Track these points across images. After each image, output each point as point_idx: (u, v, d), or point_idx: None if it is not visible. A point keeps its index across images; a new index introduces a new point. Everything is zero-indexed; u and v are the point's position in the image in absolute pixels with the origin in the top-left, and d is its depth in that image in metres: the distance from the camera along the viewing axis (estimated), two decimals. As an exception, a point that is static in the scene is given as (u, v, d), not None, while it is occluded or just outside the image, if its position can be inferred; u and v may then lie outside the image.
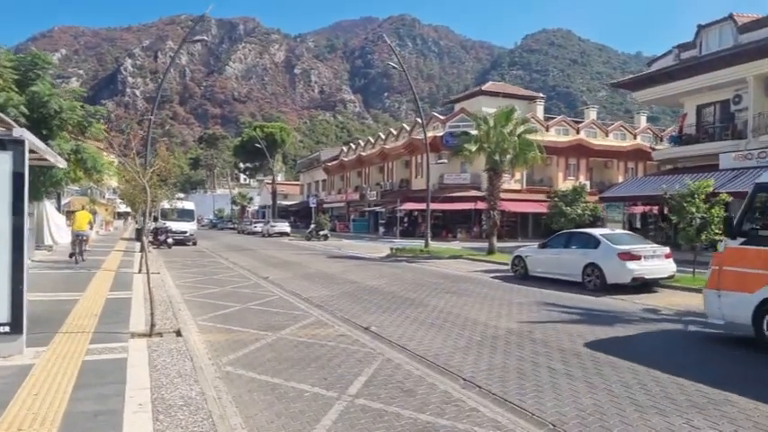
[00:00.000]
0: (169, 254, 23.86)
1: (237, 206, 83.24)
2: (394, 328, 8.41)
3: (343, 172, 65.32)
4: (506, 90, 52.27)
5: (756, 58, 20.98)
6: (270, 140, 66.69)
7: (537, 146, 21.73)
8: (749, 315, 7.08)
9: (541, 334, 7.84)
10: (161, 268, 16.93)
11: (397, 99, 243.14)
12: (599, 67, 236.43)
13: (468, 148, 21.53)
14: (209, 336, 7.82)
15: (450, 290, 12.93)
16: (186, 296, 11.62)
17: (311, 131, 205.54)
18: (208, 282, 14.35)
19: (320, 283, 14.10)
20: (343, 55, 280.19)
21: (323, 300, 11.29)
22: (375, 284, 13.80)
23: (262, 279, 15.13)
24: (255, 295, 11.92)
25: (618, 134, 48.22)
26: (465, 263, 20.73)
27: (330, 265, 19.64)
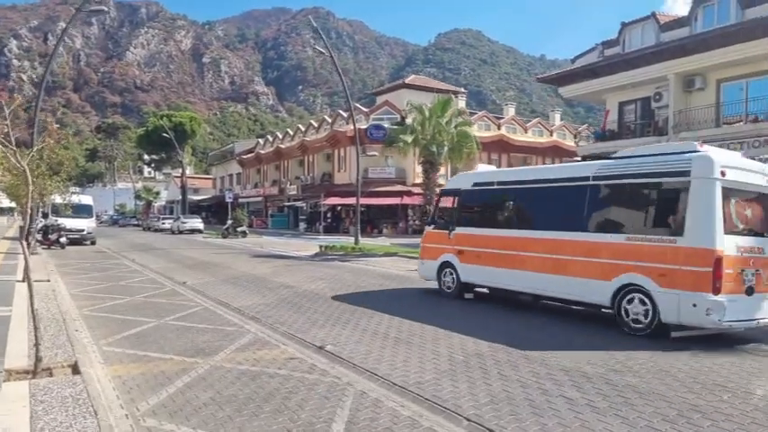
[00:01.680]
0: (63, 255, 20.75)
1: (142, 201, 77.19)
2: (353, 345, 7.00)
3: (259, 165, 62.31)
4: (429, 84, 51.99)
5: (677, 56, 21.62)
6: (179, 131, 62.21)
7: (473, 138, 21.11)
8: (434, 273, 11.71)
9: (527, 345, 6.76)
10: (52, 274, 14.30)
11: (311, 92, 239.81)
12: (507, 67, 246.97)
13: (403, 139, 20.43)
14: (119, 368, 5.98)
15: (400, 294, 11.71)
16: (85, 310, 9.47)
17: (222, 123, 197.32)
18: (112, 290, 12.10)
19: (250, 289, 12.33)
20: (255, 45, 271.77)
21: (257, 310, 9.62)
22: (314, 288, 12.26)
23: (179, 285, 13.07)
24: (174, 306, 9.99)
25: (536, 131, 49.57)
26: (401, 261, 19.63)
27: (256, 265, 17.75)
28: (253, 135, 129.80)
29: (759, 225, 8.04)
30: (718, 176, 7.36)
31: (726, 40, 19.98)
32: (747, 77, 20.59)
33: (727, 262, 7.21)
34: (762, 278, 7.62)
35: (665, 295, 7.43)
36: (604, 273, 8.22)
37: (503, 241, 10.17)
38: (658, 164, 8.14)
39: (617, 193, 8.76)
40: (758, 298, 7.56)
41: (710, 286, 7.06)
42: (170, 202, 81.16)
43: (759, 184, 8.02)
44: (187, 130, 64.41)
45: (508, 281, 10.02)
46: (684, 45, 21.27)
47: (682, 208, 7.64)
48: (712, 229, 7.22)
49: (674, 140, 22.08)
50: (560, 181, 9.76)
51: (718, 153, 7.95)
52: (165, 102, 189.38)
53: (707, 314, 7.07)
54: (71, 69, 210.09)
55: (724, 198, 7.42)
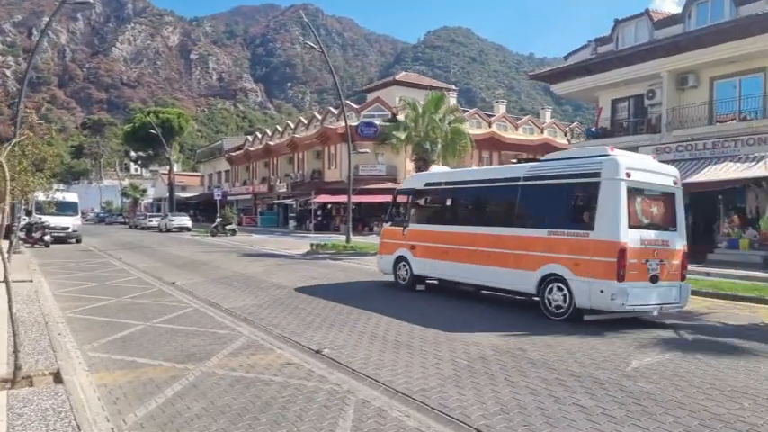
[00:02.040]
0: (47, 254, 20.23)
1: (129, 199, 76.20)
2: (351, 349, 6.71)
3: (248, 162, 61.69)
4: (420, 81, 51.84)
5: (671, 53, 21.52)
6: (166, 127, 61.22)
7: (467, 135, 20.87)
8: (391, 267, 12.62)
9: (535, 350, 6.50)
10: (35, 274, 13.84)
11: (300, 90, 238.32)
12: (496, 65, 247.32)
13: (397, 135, 20.12)
14: (104, 376, 5.64)
15: (395, 293, 11.44)
16: (69, 312, 9.08)
17: (210, 120, 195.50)
18: (98, 290, 11.69)
19: (241, 289, 11.98)
20: (244, 42, 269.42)
21: (250, 311, 9.29)
22: (305, 286, 11.94)
23: (167, 285, 12.68)
24: (162, 308, 9.63)
25: (527, 128, 49.51)
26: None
27: (247, 265, 17.37)
28: (241, 132, 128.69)
29: (664, 220, 9.01)
30: (624, 177, 8.26)
31: (720, 37, 19.91)
32: (741, 75, 20.55)
33: (632, 253, 8.12)
34: (666, 268, 8.54)
35: (579, 283, 8.36)
36: (531, 264, 9.15)
37: (448, 236, 11.17)
38: (575, 166, 9.11)
39: (542, 193, 9.65)
40: (662, 285, 8.47)
41: (615, 274, 7.97)
42: (157, 199, 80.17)
43: (664, 183, 9.05)
44: (175, 127, 63.50)
45: (453, 273, 11.03)
46: (678, 42, 21.18)
47: (593, 205, 8.50)
48: (617, 224, 8.12)
49: (667, 138, 22.10)
50: (496, 181, 10.85)
51: (624, 156, 8.85)
52: (152, 98, 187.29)
53: (612, 299, 7.98)
54: (56, 65, 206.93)
55: (629, 196, 8.33)
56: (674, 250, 8.77)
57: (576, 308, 8.42)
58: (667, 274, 8.58)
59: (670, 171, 9.46)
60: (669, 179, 9.19)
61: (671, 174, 9.34)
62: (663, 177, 9.12)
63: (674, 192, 9.21)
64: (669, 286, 8.63)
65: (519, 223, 9.82)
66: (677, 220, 9.13)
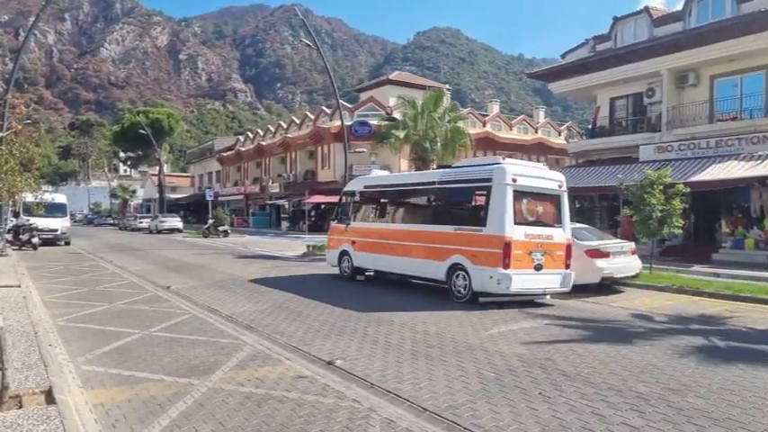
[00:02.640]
0: (35, 257, 19.57)
1: (118, 200, 75.11)
2: (366, 359, 6.28)
3: (239, 163, 60.98)
4: (413, 80, 51.46)
5: (670, 51, 21.31)
6: (156, 128, 60.32)
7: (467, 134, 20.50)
8: (336, 260, 13.96)
9: (565, 362, 6.10)
10: (23, 278, 13.27)
11: (290, 90, 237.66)
12: (485, 66, 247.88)
13: (395, 134, 19.68)
14: (101, 393, 5.16)
15: (404, 298, 11.02)
16: (60, 320, 8.56)
17: (199, 121, 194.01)
18: (89, 296, 11.15)
19: (240, 293, 11.50)
20: (233, 42, 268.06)
21: (252, 318, 8.82)
22: (309, 292, 11.48)
23: (162, 289, 12.17)
24: (159, 314, 9.13)
25: (521, 128, 49.27)
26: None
27: (243, 267, 16.87)
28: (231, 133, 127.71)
29: (549, 218, 10.57)
30: (510, 182, 9.77)
31: (721, 34, 19.71)
32: (742, 73, 20.37)
33: (516, 245, 9.63)
34: (551, 258, 10.05)
35: (476, 271, 9.88)
36: (442, 256, 10.65)
37: (380, 232, 12.83)
38: (474, 172, 10.76)
39: (450, 195, 11.37)
40: (547, 273, 10.01)
41: (501, 263, 9.50)
42: (147, 200, 79.16)
43: (549, 187, 10.58)
44: (165, 127, 62.60)
45: (384, 264, 12.58)
46: (678, 40, 20.97)
47: (486, 205, 10.00)
48: (503, 221, 9.63)
49: (667, 137, 21.88)
50: (417, 185, 12.86)
51: (512, 165, 10.45)
52: (141, 99, 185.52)
53: (498, 284, 9.53)
54: (43, 65, 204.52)
55: (515, 198, 9.84)
56: (557, 243, 10.31)
57: (474, 292, 9.95)
58: (551, 264, 10.12)
59: (556, 177, 11.00)
60: (555, 183, 10.74)
61: (556, 179, 10.86)
62: (548, 182, 10.66)
63: (560, 194, 10.73)
64: (553, 274, 10.15)
65: (433, 221, 11.42)
66: (562, 218, 10.62)
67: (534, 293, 10.12)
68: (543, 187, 10.54)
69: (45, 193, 15.74)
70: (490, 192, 9.94)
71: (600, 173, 23.58)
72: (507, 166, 10.13)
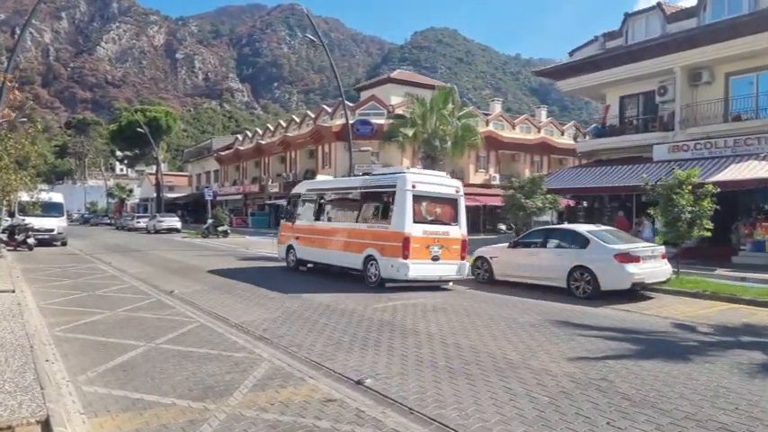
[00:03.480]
0: (30, 258, 18.89)
1: (115, 199, 74.25)
2: (399, 378, 5.68)
3: (238, 162, 60.31)
4: (415, 79, 50.92)
5: (684, 48, 20.78)
6: (153, 126, 59.53)
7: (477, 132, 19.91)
8: (284, 254, 16.12)
9: (625, 383, 5.47)
10: (18, 281, 12.64)
11: (287, 90, 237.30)
12: (483, 66, 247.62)
13: (404, 132, 19.06)
14: (106, 422, 4.55)
15: (422, 304, 10.41)
16: (58, 330, 7.94)
17: (196, 120, 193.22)
18: (88, 301, 10.53)
19: (248, 299, 10.89)
20: (230, 42, 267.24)
21: (264, 327, 8.22)
22: (323, 299, 10.87)
23: (165, 294, 11.55)
24: (164, 323, 8.52)
25: (524, 127, 48.73)
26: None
27: (242, 268, 16.23)
28: (227, 132, 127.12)
29: (446, 217, 12.71)
30: (410, 188, 11.92)
31: (736, 31, 19.15)
32: (758, 71, 19.80)
33: (415, 240, 11.74)
34: (447, 251, 12.25)
35: (383, 261, 12.06)
36: (359, 249, 12.79)
37: (317, 229, 14.94)
38: (385, 179, 13.02)
39: (367, 198, 13.53)
40: (443, 263, 12.22)
41: (401, 254, 11.63)
42: (143, 200, 78.34)
43: (446, 192, 12.82)
44: (162, 126, 61.85)
45: (319, 256, 14.79)
46: (692, 37, 20.42)
47: (391, 206, 12.15)
48: (403, 220, 11.75)
49: (680, 136, 21.34)
50: (345, 189, 15.08)
51: (413, 173, 12.92)
52: (138, 98, 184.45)
53: (398, 271, 11.68)
54: (40, 64, 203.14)
55: (415, 201, 11.96)
56: (453, 239, 12.50)
57: (382, 278, 12.13)
58: (448, 256, 12.32)
59: (453, 183, 13.40)
60: (452, 189, 13.04)
61: (454, 185, 13.24)
62: (446, 188, 12.96)
63: (457, 198, 13.00)
64: (449, 264, 12.39)
65: (354, 219, 13.69)
66: (458, 218, 12.83)
67: (431, 280, 12.35)
68: (441, 192, 12.80)
69: (41, 192, 15.08)
70: (394, 196, 12.20)
71: (609, 173, 23.04)
72: (408, 174, 12.56)
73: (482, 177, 45.25)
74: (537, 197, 16.91)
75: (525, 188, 17.25)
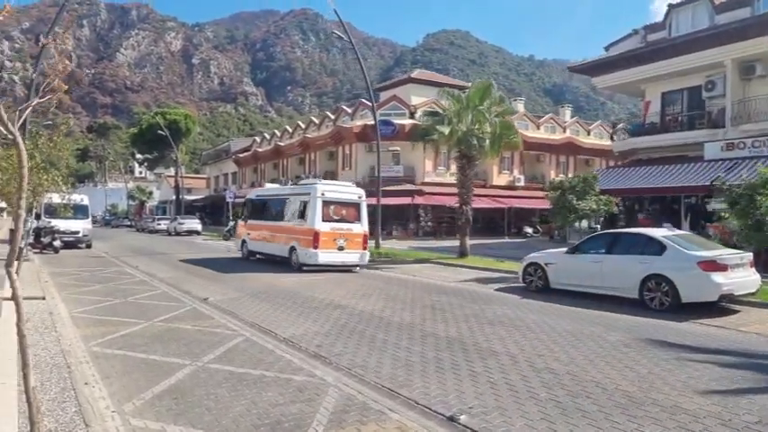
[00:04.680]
0: (57, 261, 18.38)
1: (135, 201, 74.32)
2: (498, 414, 4.80)
3: (256, 164, 59.84)
4: (435, 78, 49.97)
5: (736, 40, 19.66)
6: (173, 129, 59.37)
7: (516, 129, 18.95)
8: (240, 247, 20.76)
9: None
10: (47, 286, 12.05)
11: (300, 93, 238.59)
12: (495, 67, 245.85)
13: (440, 130, 18.14)
14: (165, 468, 3.75)
15: (480, 316, 9.53)
16: (94, 345, 7.20)
17: (212, 124, 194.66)
18: (121, 309, 9.82)
19: (290, 308, 10.10)
20: (244, 47, 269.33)
21: (317, 343, 7.42)
22: (371, 309, 10.05)
23: (200, 302, 10.82)
24: (205, 336, 7.76)
25: (548, 127, 47.56)
26: (439, 269, 17.52)
27: (277, 274, 15.49)
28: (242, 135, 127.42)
29: (351, 217, 16.62)
30: (320, 195, 15.96)
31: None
32: (818, 62, 18.66)
33: (324, 234, 15.65)
34: (351, 243, 16.16)
35: (301, 250, 15.94)
36: (287, 241, 16.91)
37: (260, 227, 19.37)
38: (304, 188, 17.34)
39: (292, 202, 17.52)
40: (347, 252, 16.09)
41: (312, 245, 15.50)
42: (162, 202, 78.38)
43: (351, 198, 16.84)
44: (182, 128, 61.71)
45: (261, 248, 19.08)
46: (745, 27, 19.29)
47: (307, 209, 16.17)
48: (314, 219, 15.76)
49: (732, 133, 20.19)
50: (279, 195, 19.39)
51: (323, 184, 17.17)
52: (155, 102, 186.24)
53: (309, 258, 15.52)
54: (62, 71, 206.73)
55: (324, 205, 15.93)
56: (356, 234, 16.53)
57: (300, 263, 16.02)
58: (351, 247, 16.29)
59: (357, 191, 17.51)
60: (355, 196, 17.18)
61: (357, 193, 17.38)
62: (351, 195, 17.10)
63: (359, 202, 17.09)
64: (353, 253, 16.36)
65: (283, 218, 17.79)
66: (360, 218, 16.94)
67: (337, 265, 16.11)
68: (346, 198, 17.00)
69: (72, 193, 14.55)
70: (308, 201, 16.46)
71: (651, 173, 21.94)
72: (319, 185, 16.92)
73: (506, 179, 44.18)
74: (589, 198, 15.90)
75: (577, 188, 16.25)
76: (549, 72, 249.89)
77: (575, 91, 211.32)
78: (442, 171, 41.89)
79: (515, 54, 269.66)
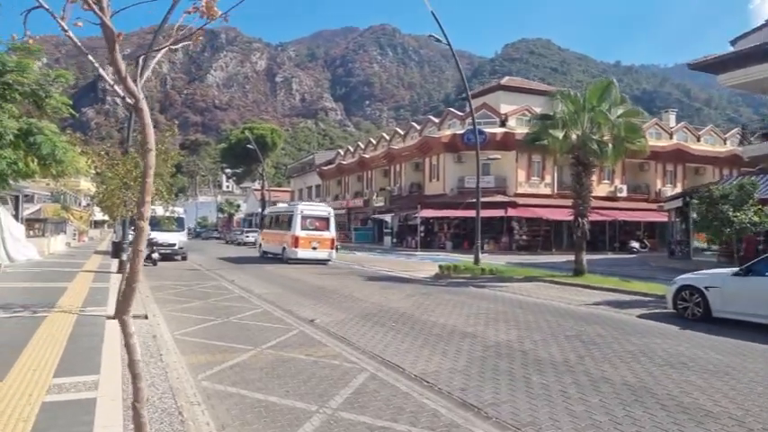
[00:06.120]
0: (156, 274, 18.35)
1: (224, 214, 77.07)
2: None
3: (340, 176, 60.04)
4: (526, 85, 47.85)
5: None
6: (260, 143, 61.08)
7: (642, 133, 16.78)
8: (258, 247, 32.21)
9: None
10: (149, 302, 11.57)
11: (378, 107, 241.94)
12: (579, 75, 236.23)
13: (553, 134, 16.36)
14: None
15: (648, 353, 7.79)
16: (203, 378, 6.26)
17: (293, 139, 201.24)
18: (225, 331, 8.99)
19: (409, 335, 8.83)
20: (325, 64, 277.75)
21: (459, 385, 6.08)
22: (506, 339, 8.57)
23: (306, 324, 9.82)
24: (324, 371, 6.63)
25: (652, 132, 43.86)
26: (556, 289, 15.67)
27: (381, 292, 14.34)
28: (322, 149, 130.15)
29: (322, 227, 25.36)
30: (300, 213, 25.02)
31: None
32: None
33: (302, 239, 24.47)
34: (322, 244, 24.83)
35: (288, 249, 24.80)
36: (280, 243, 25.75)
37: (268, 234, 28.61)
38: (290, 208, 26.65)
39: (284, 217, 26.66)
40: (319, 251, 24.70)
41: (294, 245, 24.49)
42: (249, 215, 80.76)
43: (321, 214, 25.99)
44: (268, 142, 63.50)
45: (270, 248, 27.53)
46: None
47: (292, 221, 24.87)
48: (296, 228, 24.67)
49: None
50: (279, 212, 28.90)
51: (303, 204, 26.97)
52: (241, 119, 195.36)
53: (291, 254, 24.54)
54: (158, 92, 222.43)
55: (303, 219, 24.85)
56: (325, 238, 24.92)
57: (287, 258, 24.47)
58: (322, 247, 24.68)
59: (327, 209, 27.13)
60: (326, 212, 26.18)
61: (327, 210, 26.70)
62: (322, 212, 26.19)
63: (328, 217, 25.75)
64: (323, 251, 24.72)
65: (282, 228, 26.06)
66: (330, 227, 25.44)
67: (311, 259, 24.33)
68: (318, 214, 25.73)
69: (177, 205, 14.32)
70: (293, 216, 24.76)
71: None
72: (300, 205, 25.96)
73: (606, 189, 41.05)
74: (747, 209, 13.52)
75: (730, 197, 13.90)
76: (638, 78, 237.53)
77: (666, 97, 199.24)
78: (535, 181, 39.61)
79: (600, 61, 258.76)
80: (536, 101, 42.91)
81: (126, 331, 2.41)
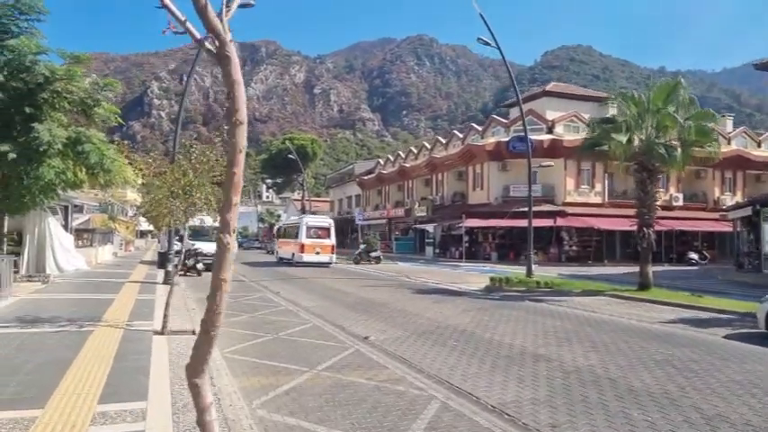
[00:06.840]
0: (201, 285, 18.11)
1: (264, 224, 77.79)
2: None
3: (380, 186, 59.51)
4: (571, 90, 46.36)
5: None
6: (300, 153, 61.37)
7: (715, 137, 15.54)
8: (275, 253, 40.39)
9: None
10: (195, 315, 11.15)
11: (415, 117, 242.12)
12: (622, 81, 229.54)
13: (616, 138, 15.29)
14: None
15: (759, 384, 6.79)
16: (258, 407, 5.66)
17: (331, 149, 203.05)
18: (277, 350, 8.42)
19: (474, 357, 8.05)
20: (362, 75, 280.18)
21: (545, 419, 5.32)
22: (585, 364, 7.67)
23: (359, 341, 9.18)
24: (388, 397, 5.95)
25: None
26: (621, 304, 14.56)
27: (436, 308, 13.55)
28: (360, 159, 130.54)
29: (324, 236, 30.74)
30: (305, 224, 30.73)
31: None
32: None
33: (307, 245, 29.81)
34: (324, 250, 30.16)
35: (296, 254, 30.16)
36: (292, 249, 31.31)
37: (283, 242, 34.71)
38: (298, 220, 33.34)
39: (293, 227, 33.15)
40: (321, 255, 29.92)
41: (300, 251, 29.84)
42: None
43: (323, 225, 31.61)
44: (308, 153, 63.69)
45: (284, 254, 33.24)
46: None
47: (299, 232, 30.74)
48: (302, 236, 30.21)
49: None
50: (290, 224, 36.06)
51: (308, 217, 34.39)
52: (281, 131, 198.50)
53: (300, 258, 29.79)
54: (201, 105, 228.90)
55: (308, 228, 30.40)
56: (327, 245, 30.39)
57: (296, 261, 29.90)
58: (324, 252, 30.15)
59: (328, 220, 32.65)
60: (327, 223, 31.78)
61: (328, 221, 32.31)
62: (324, 222, 31.98)
63: (329, 227, 31.31)
64: (325, 256, 30.09)
65: (291, 237, 32.24)
66: (330, 235, 30.82)
67: (315, 262, 29.08)
68: (321, 225, 31.24)
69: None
70: (300, 227, 30.56)
71: None
72: (305, 217, 32.98)
73: (661, 198, 38.94)
74: None
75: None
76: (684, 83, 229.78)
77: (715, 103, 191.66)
78: (585, 190, 38.08)
79: (643, 66, 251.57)
80: (583, 107, 41.51)
81: (200, 404, 1.81)
